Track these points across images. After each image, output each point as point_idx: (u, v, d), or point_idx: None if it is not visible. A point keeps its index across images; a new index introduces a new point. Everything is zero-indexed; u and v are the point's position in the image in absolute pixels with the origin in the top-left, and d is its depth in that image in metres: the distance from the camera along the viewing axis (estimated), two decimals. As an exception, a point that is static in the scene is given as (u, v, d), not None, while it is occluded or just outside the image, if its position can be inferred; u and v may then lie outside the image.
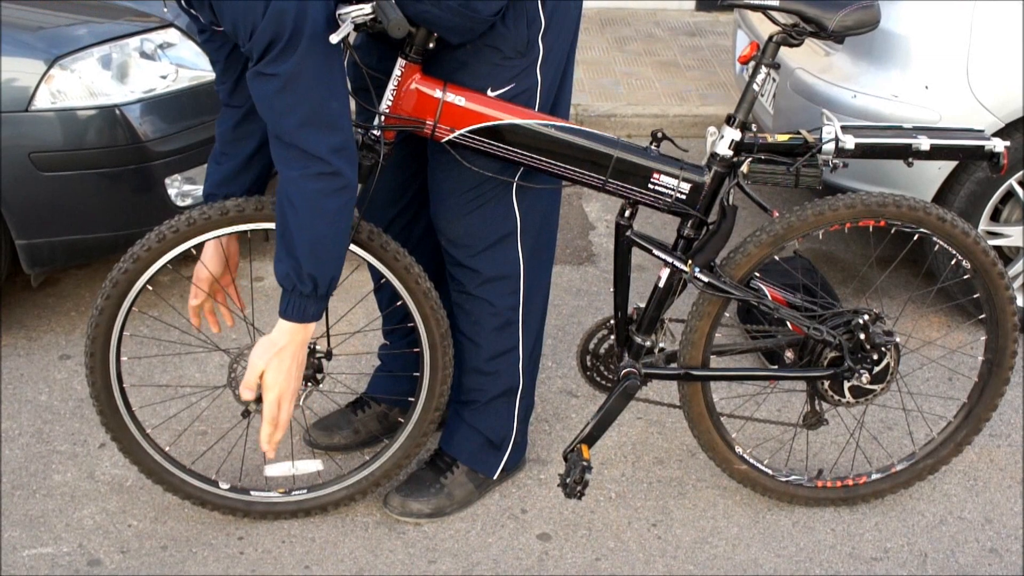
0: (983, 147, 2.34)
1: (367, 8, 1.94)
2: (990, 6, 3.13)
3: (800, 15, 2.20)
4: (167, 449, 2.56)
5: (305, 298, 2.16)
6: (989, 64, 3.15)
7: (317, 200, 2.07)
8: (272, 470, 2.58)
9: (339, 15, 1.97)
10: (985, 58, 3.15)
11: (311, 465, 2.61)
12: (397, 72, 2.19)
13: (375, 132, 2.22)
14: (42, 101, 3.04)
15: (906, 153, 2.33)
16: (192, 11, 2.12)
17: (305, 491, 2.59)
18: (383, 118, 2.21)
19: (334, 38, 1.92)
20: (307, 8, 1.91)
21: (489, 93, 2.24)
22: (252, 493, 2.57)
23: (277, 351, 2.21)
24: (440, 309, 2.41)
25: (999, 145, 2.33)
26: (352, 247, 2.31)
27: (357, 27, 1.99)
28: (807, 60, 3.54)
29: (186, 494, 2.54)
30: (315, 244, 2.11)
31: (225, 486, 2.55)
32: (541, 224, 2.49)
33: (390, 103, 2.20)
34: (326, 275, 2.15)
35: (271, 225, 2.28)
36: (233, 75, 2.32)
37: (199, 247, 2.35)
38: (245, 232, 2.33)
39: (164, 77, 3.26)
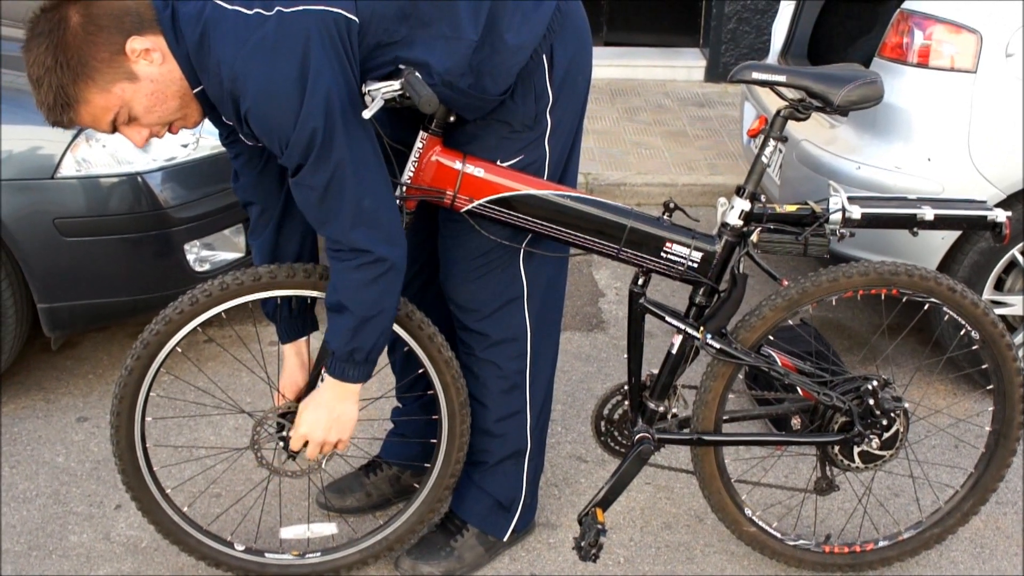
0: (986, 217, 2.38)
1: (396, 84, 2.02)
2: (990, 81, 3.20)
3: (806, 90, 2.26)
4: (185, 510, 2.59)
5: (344, 363, 2.24)
6: (990, 137, 3.21)
7: (360, 288, 2.15)
8: (287, 532, 2.60)
9: (368, 91, 2.04)
10: (986, 131, 3.21)
11: (326, 528, 2.64)
12: (418, 144, 2.25)
13: (397, 201, 2.27)
14: (67, 169, 3.12)
15: (911, 223, 2.37)
16: (226, 122, 2.20)
17: (319, 554, 2.61)
18: (405, 188, 2.28)
19: (366, 114, 1.99)
20: (335, 121, 1.99)
21: (499, 164, 2.30)
22: (267, 555, 2.59)
23: (314, 403, 2.32)
24: (460, 378, 2.45)
25: (1001, 215, 2.37)
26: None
27: (385, 103, 2.06)
28: (812, 132, 3.60)
29: (202, 555, 2.56)
30: (360, 323, 2.18)
31: (240, 547, 2.57)
32: (547, 288, 2.53)
33: (412, 174, 2.27)
34: (370, 348, 2.23)
35: (302, 292, 2.36)
36: (249, 178, 2.39)
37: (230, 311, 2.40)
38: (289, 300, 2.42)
39: (185, 146, 3.33)
